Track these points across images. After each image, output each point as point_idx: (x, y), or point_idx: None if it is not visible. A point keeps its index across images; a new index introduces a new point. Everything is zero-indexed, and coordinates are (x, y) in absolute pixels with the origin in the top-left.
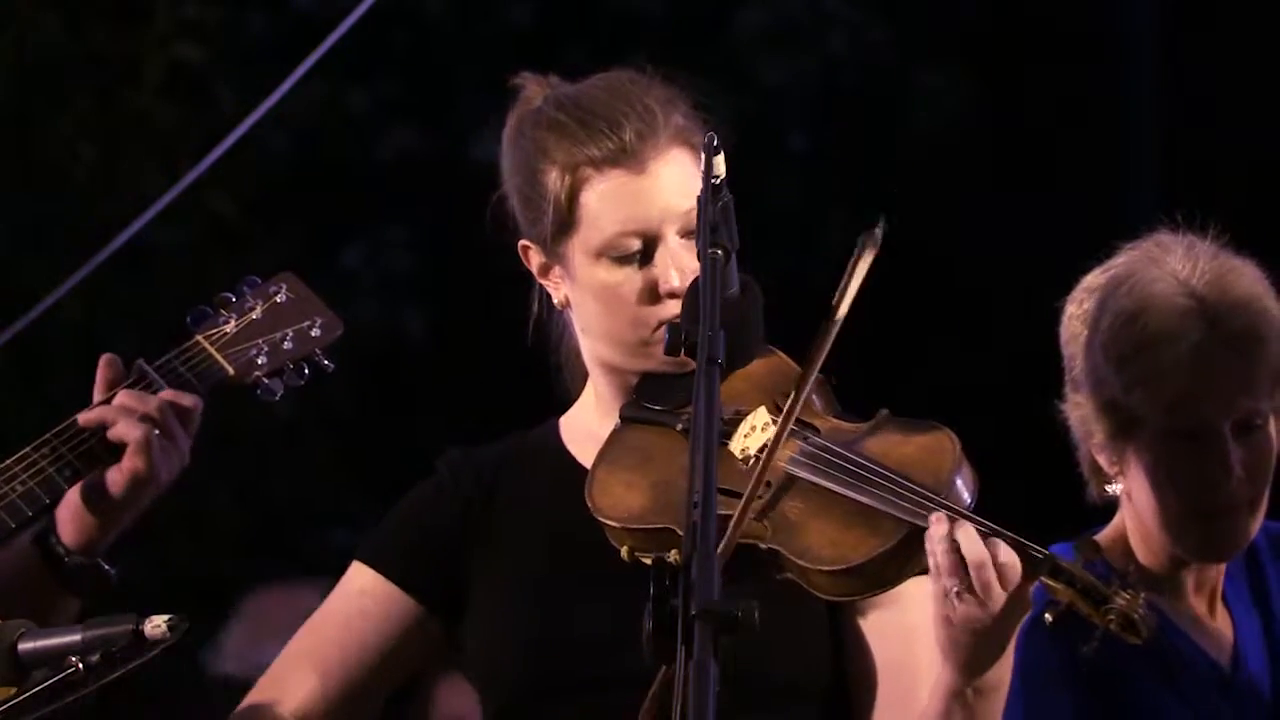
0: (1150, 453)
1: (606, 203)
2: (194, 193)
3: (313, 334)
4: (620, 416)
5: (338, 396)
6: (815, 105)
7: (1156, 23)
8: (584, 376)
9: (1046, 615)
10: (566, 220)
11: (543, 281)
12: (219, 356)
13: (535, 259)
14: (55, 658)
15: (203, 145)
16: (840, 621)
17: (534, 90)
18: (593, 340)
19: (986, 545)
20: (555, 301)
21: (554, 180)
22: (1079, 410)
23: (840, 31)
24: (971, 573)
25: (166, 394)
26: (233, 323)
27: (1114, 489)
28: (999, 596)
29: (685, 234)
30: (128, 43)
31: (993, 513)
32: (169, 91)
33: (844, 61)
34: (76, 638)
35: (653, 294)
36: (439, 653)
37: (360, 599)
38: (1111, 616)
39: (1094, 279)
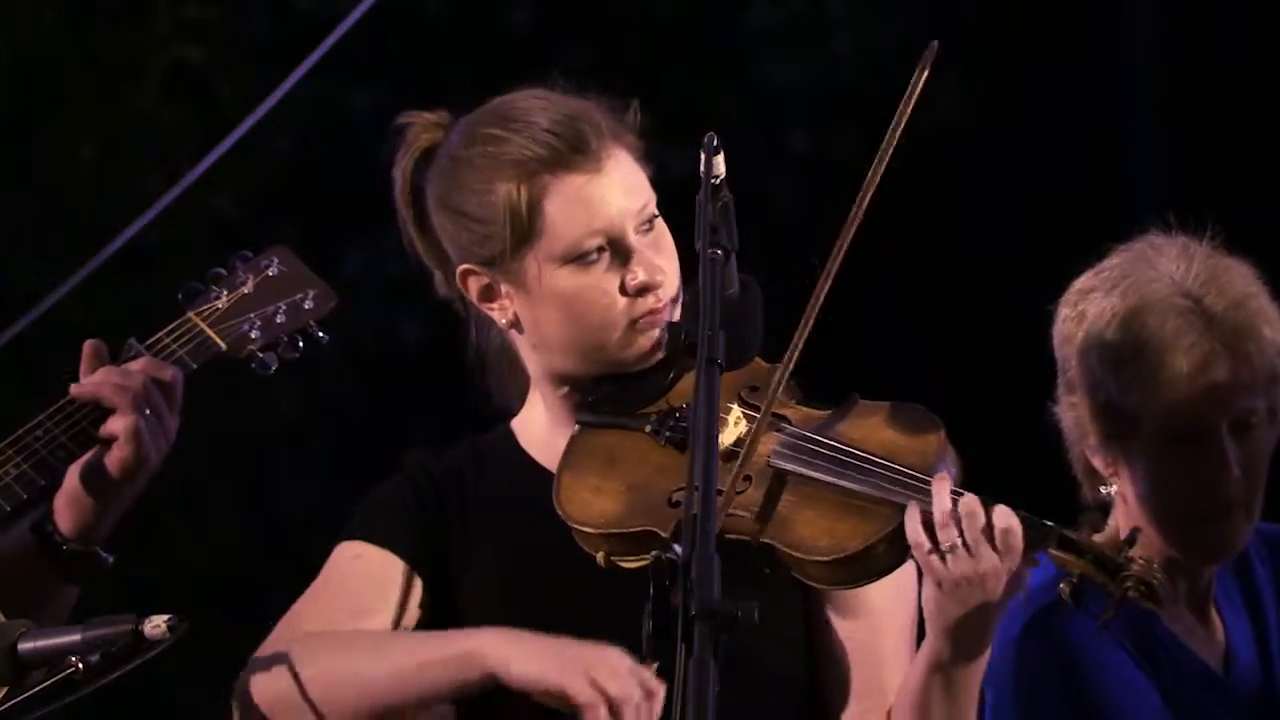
0: (1147, 454)
1: (571, 206)
2: (194, 193)
3: (306, 306)
4: (578, 422)
5: (339, 398)
6: (817, 106)
7: (1157, 23)
8: (522, 394)
9: (1061, 587)
10: (526, 232)
11: (485, 307)
12: (211, 332)
13: (476, 285)
14: (55, 658)
15: (203, 145)
16: (810, 610)
17: (424, 126)
18: (550, 353)
19: (985, 508)
20: (502, 323)
21: (509, 193)
22: (1073, 412)
23: (843, 32)
24: (964, 527)
25: (142, 364)
26: (224, 298)
27: (1109, 491)
28: (989, 557)
29: (641, 229)
30: (128, 43)
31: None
32: (169, 91)
33: (846, 62)
34: (76, 638)
35: (621, 291)
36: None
37: (358, 563)
38: (1129, 584)
39: (1087, 281)
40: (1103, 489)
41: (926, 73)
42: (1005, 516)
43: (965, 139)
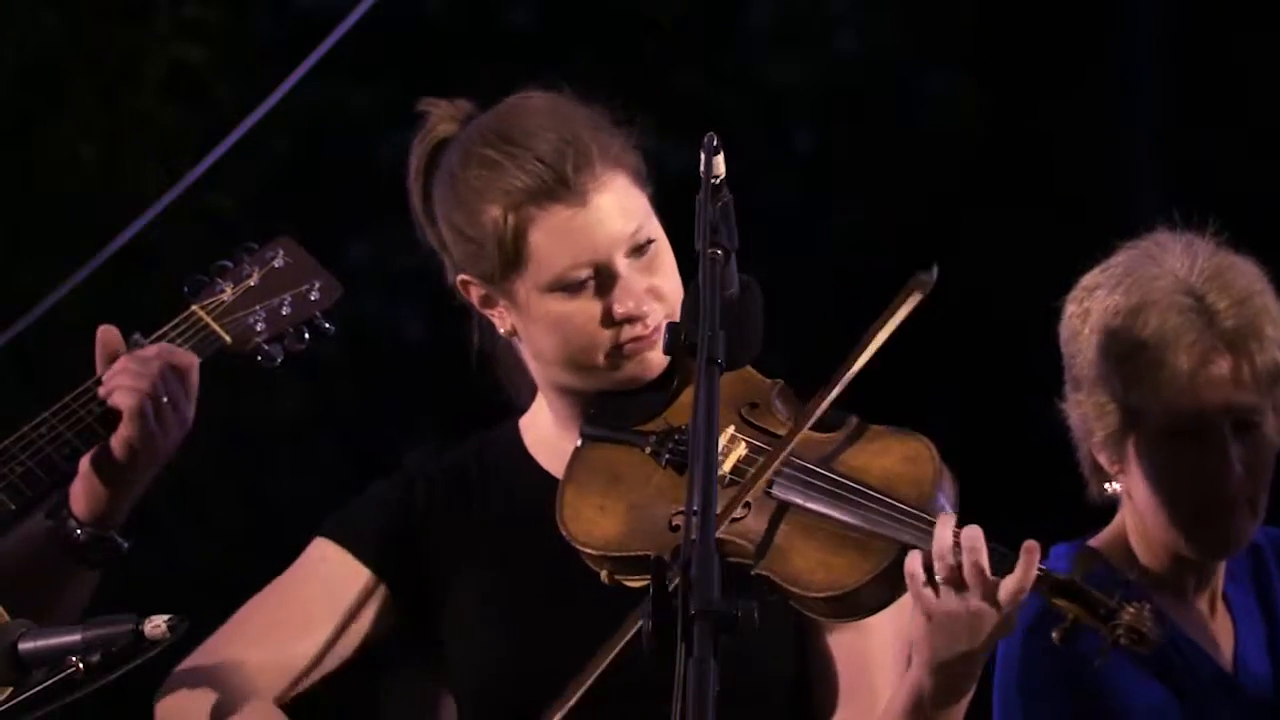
0: (1150, 450)
1: (555, 238)
2: (194, 193)
3: (311, 297)
4: (581, 435)
5: (341, 396)
6: (820, 105)
7: (1157, 23)
8: (530, 388)
9: (1054, 634)
10: (513, 259)
11: (486, 312)
12: (216, 325)
13: (476, 292)
14: (55, 658)
15: (203, 145)
16: (802, 615)
17: (440, 117)
18: (547, 366)
19: (991, 557)
20: (501, 331)
21: (496, 220)
22: (1079, 409)
23: (846, 31)
24: (964, 563)
25: (158, 349)
26: (229, 291)
27: (1114, 487)
28: (978, 596)
29: (631, 254)
30: (128, 43)
31: (993, 513)
32: (169, 91)
33: (850, 62)
34: (76, 637)
35: (608, 319)
36: (392, 635)
37: (320, 566)
38: (1120, 632)
39: (1093, 278)
40: (1108, 486)
41: (915, 301)
42: (1022, 576)
43: (964, 138)
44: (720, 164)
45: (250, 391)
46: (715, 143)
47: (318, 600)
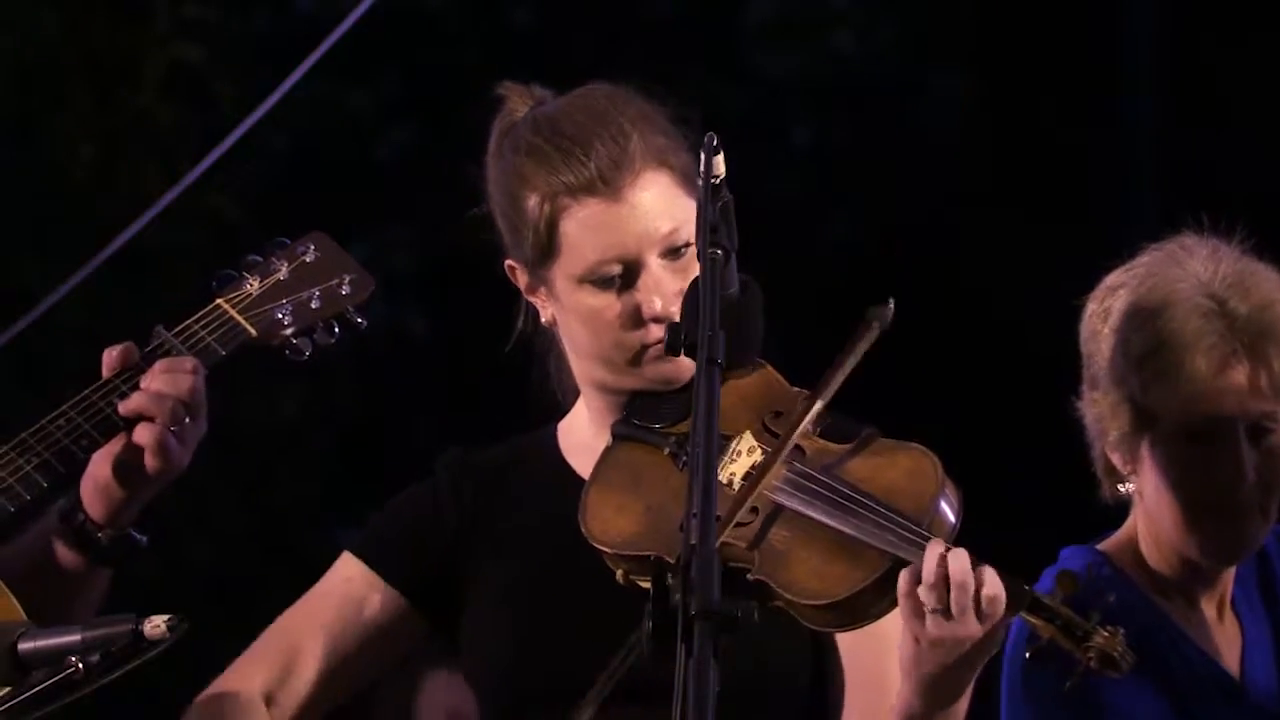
0: (1165, 452)
1: (585, 231)
2: (194, 193)
3: (342, 292)
4: (612, 433)
5: (342, 397)
6: (819, 101)
7: (1156, 23)
8: (574, 390)
9: (1027, 652)
10: (547, 247)
11: (530, 299)
12: (240, 319)
13: (522, 278)
14: (55, 658)
15: (203, 145)
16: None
17: (516, 102)
18: (581, 359)
19: (974, 572)
20: (543, 320)
21: (533, 208)
22: (1095, 408)
23: (845, 27)
24: (951, 591)
25: (159, 385)
26: (256, 284)
27: (1127, 488)
28: (972, 622)
29: (665, 255)
30: (128, 43)
31: (999, 513)
32: (169, 91)
33: (849, 57)
34: (76, 638)
35: (636, 318)
36: (420, 649)
37: (344, 586)
38: (1092, 654)
39: (1116, 277)
40: (1121, 486)
41: (874, 336)
42: (993, 584)
43: (964, 138)
44: (720, 164)
45: (250, 393)
46: (715, 143)
47: (347, 619)
